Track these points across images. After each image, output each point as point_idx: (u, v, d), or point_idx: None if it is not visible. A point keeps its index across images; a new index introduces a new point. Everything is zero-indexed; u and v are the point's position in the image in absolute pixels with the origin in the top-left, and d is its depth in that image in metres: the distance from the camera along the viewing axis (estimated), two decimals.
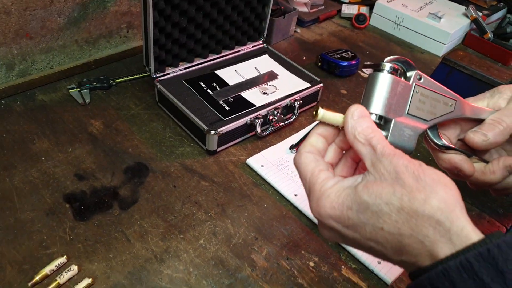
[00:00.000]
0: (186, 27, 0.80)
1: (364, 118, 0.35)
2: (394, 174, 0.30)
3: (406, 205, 0.29)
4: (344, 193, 0.32)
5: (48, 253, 0.57)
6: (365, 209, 0.30)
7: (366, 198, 0.30)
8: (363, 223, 0.31)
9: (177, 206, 0.65)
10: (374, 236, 0.31)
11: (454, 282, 0.26)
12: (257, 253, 0.60)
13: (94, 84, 0.85)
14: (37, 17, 0.78)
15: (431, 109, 0.41)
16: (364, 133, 0.34)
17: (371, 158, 0.32)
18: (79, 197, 0.65)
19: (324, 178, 0.34)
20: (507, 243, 0.26)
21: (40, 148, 0.72)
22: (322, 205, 0.33)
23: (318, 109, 0.36)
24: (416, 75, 0.39)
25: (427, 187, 0.29)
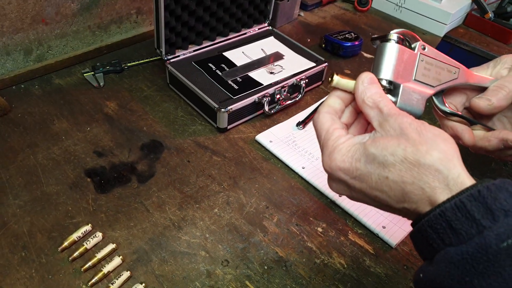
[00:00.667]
0: (195, 10, 0.83)
1: (373, 84, 0.38)
2: (399, 130, 0.33)
3: (409, 156, 0.32)
4: (354, 148, 0.35)
5: (73, 222, 0.61)
6: (372, 160, 0.34)
7: (373, 150, 0.33)
8: (370, 173, 0.34)
9: (192, 179, 0.69)
10: (379, 185, 0.34)
11: (450, 221, 0.29)
12: (268, 220, 0.64)
13: (107, 68, 0.88)
14: (52, 3, 0.81)
15: (436, 76, 0.44)
16: (372, 97, 0.37)
17: (378, 119, 0.35)
18: (99, 172, 0.69)
19: (337, 135, 0.37)
20: (496, 185, 0.29)
21: (60, 128, 0.76)
22: (333, 158, 0.36)
23: (334, 75, 0.40)
24: (421, 45, 0.42)
25: (429, 141, 0.32)
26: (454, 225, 0.29)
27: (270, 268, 0.57)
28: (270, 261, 0.58)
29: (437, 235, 0.30)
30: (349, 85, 0.39)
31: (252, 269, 0.57)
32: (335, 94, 0.41)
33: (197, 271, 0.56)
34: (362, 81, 0.38)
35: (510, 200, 0.28)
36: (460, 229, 0.29)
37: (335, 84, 0.40)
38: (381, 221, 0.63)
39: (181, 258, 0.58)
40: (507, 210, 0.28)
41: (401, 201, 0.34)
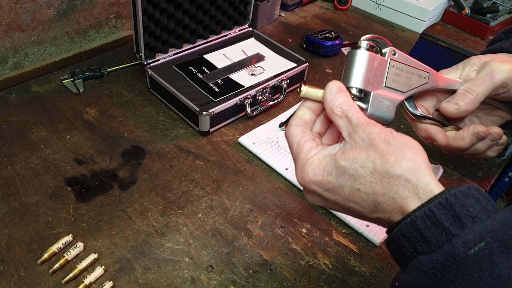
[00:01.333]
0: (174, 13, 0.82)
1: (341, 93, 0.38)
2: (368, 140, 0.34)
3: (379, 167, 0.32)
4: (324, 160, 0.35)
5: (54, 233, 0.60)
6: (343, 173, 0.34)
7: (344, 163, 0.34)
8: (342, 185, 0.34)
9: (174, 184, 0.68)
10: (352, 197, 0.34)
11: (421, 230, 0.30)
12: (252, 223, 0.63)
13: (87, 73, 0.87)
14: (27, 10, 0.79)
15: (407, 81, 0.44)
16: (341, 106, 0.37)
17: (347, 129, 0.36)
18: (80, 180, 0.68)
19: (308, 147, 0.37)
20: (462, 192, 0.30)
21: (39, 137, 0.74)
22: (305, 172, 0.36)
23: (302, 86, 0.40)
24: (391, 51, 0.42)
25: (397, 150, 0.33)
26: (424, 234, 0.30)
27: (255, 272, 0.57)
28: (255, 264, 0.58)
29: (410, 244, 0.31)
30: (318, 94, 0.39)
31: (237, 274, 0.57)
32: (305, 105, 0.40)
33: (181, 278, 0.56)
34: (330, 90, 0.38)
35: (476, 206, 0.29)
36: (431, 237, 0.29)
37: (304, 94, 0.40)
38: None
39: (165, 265, 0.57)
40: (474, 216, 0.28)
41: (374, 211, 0.34)
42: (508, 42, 0.53)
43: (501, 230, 0.27)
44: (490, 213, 0.29)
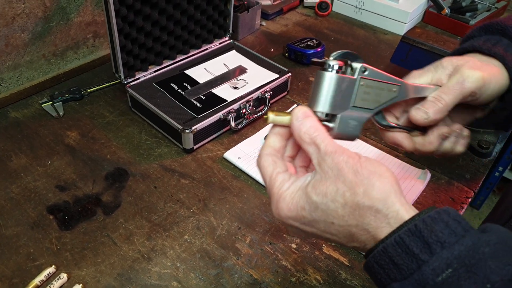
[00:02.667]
0: (151, 31, 0.81)
1: (307, 118, 0.37)
2: (336, 171, 0.33)
3: (349, 200, 0.32)
4: (297, 195, 0.35)
5: (36, 264, 0.58)
6: (316, 208, 0.34)
7: (315, 198, 0.34)
8: (316, 220, 0.34)
9: (159, 205, 0.67)
10: (328, 230, 0.35)
11: (392, 257, 0.30)
12: (241, 241, 0.62)
13: (66, 96, 0.86)
14: (0, 36, 0.78)
15: (376, 98, 0.43)
16: (308, 132, 0.36)
17: (316, 157, 0.35)
18: (63, 208, 0.66)
19: (280, 181, 0.37)
20: (431, 217, 0.30)
21: (18, 165, 0.72)
22: (280, 208, 0.36)
23: (268, 114, 0.39)
24: (361, 68, 0.41)
25: (365, 180, 0.33)
26: (396, 261, 0.30)
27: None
28: (244, 285, 0.57)
29: (383, 271, 0.31)
30: (285, 120, 0.39)
31: None
32: (274, 132, 0.40)
33: None
34: (296, 117, 0.37)
35: (446, 231, 0.29)
36: (402, 265, 0.29)
37: (271, 121, 0.39)
38: None
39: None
40: (443, 241, 0.28)
41: (350, 241, 0.35)
42: (480, 41, 0.52)
43: (468, 255, 0.27)
44: (459, 237, 0.29)
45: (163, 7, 0.80)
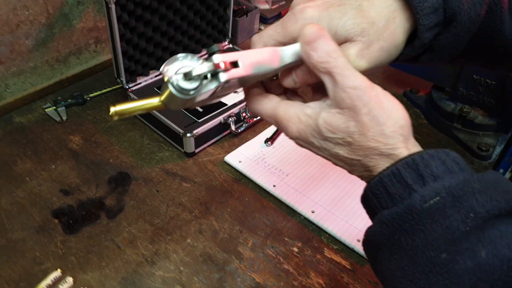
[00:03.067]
0: (152, 36, 0.82)
1: (319, 40, 0.31)
2: (352, 111, 0.32)
3: (356, 141, 0.33)
4: (307, 121, 0.34)
5: (42, 268, 0.59)
6: (324, 140, 0.34)
7: (325, 132, 0.33)
8: (324, 148, 0.35)
9: (162, 209, 0.68)
10: (333, 156, 0.35)
11: (387, 187, 0.31)
12: (243, 245, 0.63)
13: (69, 101, 0.87)
14: (5, 42, 0.79)
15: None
16: (321, 60, 0.31)
17: (332, 89, 0.32)
18: (67, 212, 0.67)
19: (285, 105, 0.35)
20: (429, 154, 0.31)
21: (24, 169, 0.74)
22: (290, 130, 0.35)
23: (111, 108, 0.35)
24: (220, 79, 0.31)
25: (377, 127, 0.32)
26: (390, 190, 0.31)
27: None
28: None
29: (377, 200, 0.33)
30: (148, 104, 0.35)
31: None
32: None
33: None
34: (306, 40, 0.32)
35: (441, 167, 0.30)
36: (395, 193, 0.31)
37: (118, 113, 0.35)
38: (356, 235, 0.63)
39: None
40: (436, 175, 0.30)
41: (353, 170, 0.35)
42: None
43: (457, 187, 0.29)
44: (453, 173, 0.30)
45: (163, 12, 0.81)
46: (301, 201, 0.69)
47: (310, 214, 0.67)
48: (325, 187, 0.71)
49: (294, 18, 0.34)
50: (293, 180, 0.72)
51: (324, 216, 0.67)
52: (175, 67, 0.31)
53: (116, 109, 0.35)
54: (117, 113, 0.35)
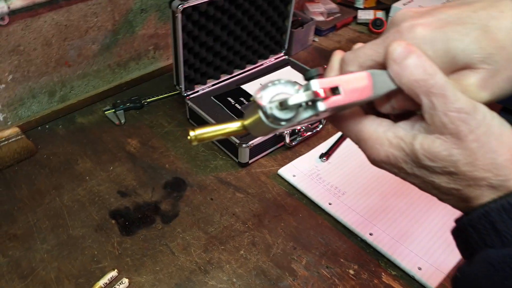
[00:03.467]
0: (213, 46, 0.83)
1: (410, 56, 0.28)
2: (456, 138, 0.28)
3: (460, 171, 0.29)
4: (400, 145, 0.30)
5: (100, 267, 0.61)
6: (421, 167, 0.30)
7: (423, 160, 0.29)
8: (416, 175, 0.31)
9: (215, 218, 0.68)
10: (423, 185, 0.31)
11: (494, 222, 0.27)
12: (296, 262, 0.62)
13: (128, 104, 0.89)
14: (74, 46, 0.83)
15: None
16: (417, 80, 0.27)
17: (430, 112, 0.28)
18: (124, 213, 0.69)
19: (371, 120, 0.32)
20: None
21: (84, 168, 0.76)
22: (376, 153, 0.31)
23: (190, 132, 0.32)
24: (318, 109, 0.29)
25: (487, 155, 0.28)
26: (498, 227, 0.28)
27: None
28: None
29: (478, 235, 0.29)
30: (229, 128, 0.32)
31: None
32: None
33: None
34: (395, 58, 0.28)
35: None
36: (505, 231, 0.27)
37: (195, 139, 0.32)
38: (416, 262, 0.60)
39: None
40: None
41: (445, 199, 0.32)
42: None
43: None
44: None
45: (225, 23, 0.82)
46: (358, 222, 0.67)
47: (368, 236, 0.65)
48: (384, 209, 0.69)
49: (401, 37, 0.29)
50: (350, 199, 0.70)
51: (382, 240, 0.64)
52: (269, 93, 0.29)
53: (196, 134, 0.32)
54: (197, 138, 0.32)
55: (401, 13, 0.31)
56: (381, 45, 0.30)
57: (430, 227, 0.66)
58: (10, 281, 0.58)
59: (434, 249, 0.63)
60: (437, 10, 0.30)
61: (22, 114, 0.83)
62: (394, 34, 0.30)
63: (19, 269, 0.60)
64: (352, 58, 0.32)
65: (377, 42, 0.31)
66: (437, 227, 0.66)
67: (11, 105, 0.80)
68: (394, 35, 0.30)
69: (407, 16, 0.31)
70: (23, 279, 0.59)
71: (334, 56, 0.34)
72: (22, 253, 0.62)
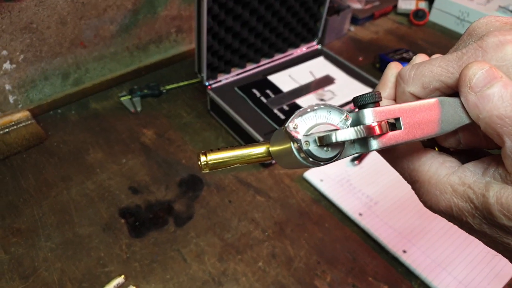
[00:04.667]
0: (239, 31, 0.76)
1: (494, 85, 0.21)
2: None
3: None
4: (467, 194, 0.24)
5: (105, 271, 0.56)
6: (494, 226, 0.24)
7: (498, 217, 0.23)
8: (483, 232, 0.24)
9: (233, 223, 0.62)
10: (504, 244, 0.24)
11: None
12: (320, 279, 0.56)
13: (145, 91, 0.84)
14: (91, 26, 0.77)
15: None
16: (498, 115, 0.21)
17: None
18: (134, 212, 0.63)
19: (433, 160, 0.25)
20: None
21: (95, 159, 0.71)
22: (435, 202, 0.25)
23: (200, 157, 0.26)
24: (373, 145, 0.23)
25: None
26: None
27: None
28: None
29: None
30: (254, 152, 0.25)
31: None
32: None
33: None
34: (470, 83, 0.22)
35: None
36: None
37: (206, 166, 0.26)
38: (454, 286, 0.53)
39: None
40: None
41: None
42: None
43: None
44: None
45: (255, 7, 0.74)
46: (391, 237, 0.59)
47: (401, 254, 0.58)
48: (422, 225, 0.61)
49: (484, 56, 0.22)
50: (382, 210, 0.63)
51: (417, 258, 0.57)
52: (307, 123, 0.22)
53: (208, 159, 0.25)
54: (209, 165, 0.26)
55: (485, 22, 0.24)
56: (455, 63, 0.23)
57: (474, 254, 0.58)
58: (10, 281, 0.54)
59: (473, 276, 0.55)
60: None
61: (34, 97, 0.78)
62: (474, 51, 0.23)
63: (21, 268, 0.56)
64: (414, 75, 0.25)
65: (449, 58, 0.23)
66: (481, 254, 0.58)
67: (22, 87, 0.75)
68: (475, 52, 0.22)
69: (494, 27, 0.23)
70: (24, 279, 0.55)
71: (389, 69, 0.27)
72: (25, 250, 0.58)
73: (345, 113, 0.22)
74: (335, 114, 0.22)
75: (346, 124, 0.22)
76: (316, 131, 0.22)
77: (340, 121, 0.22)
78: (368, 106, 0.22)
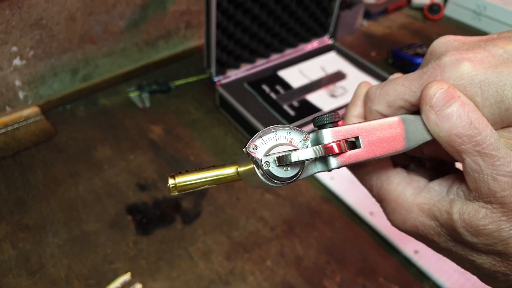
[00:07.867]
0: (249, 26, 0.74)
1: (452, 104, 0.21)
2: (507, 209, 0.21)
3: (506, 252, 0.22)
4: (432, 212, 0.24)
5: (112, 268, 0.55)
6: (458, 243, 0.24)
7: (463, 234, 0.23)
8: (453, 251, 0.24)
9: (241, 221, 0.61)
10: (470, 261, 0.24)
11: None
12: (329, 279, 0.54)
13: (154, 87, 0.83)
14: (100, 22, 0.77)
15: None
16: (457, 134, 0.21)
17: (474, 174, 0.22)
18: (142, 209, 0.63)
19: (398, 182, 0.26)
20: None
21: (103, 155, 0.71)
22: (401, 221, 0.25)
23: (169, 180, 0.25)
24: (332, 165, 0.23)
25: None
26: None
27: None
28: None
29: None
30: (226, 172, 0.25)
31: None
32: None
33: None
34: (430, 103, 0.22)
35: None
36: None
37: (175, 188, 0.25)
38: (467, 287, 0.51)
39: None
40: None
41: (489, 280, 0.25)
42: None
43: None
44: None
45: (265, 1, 0.73)
46: (402, 237, 0.58)
47: (412, 254, 0.56)
48: None
49: (442, 75, 0.22)
50: None
51: (429, 259, 0.55)
52: (267, 144, 0.22)
53: (177, 182, 0.25)
54: (178, 188, 0.25)
55: (444, 42, 0.24)
56: (417, 82, 0.24)
57: None
58: (18, 276, 0.54)
59: None
60: (491, 41, 0.22)
61: (43, 92, 0.78)
62: (433, 70, 0.23)
63: (28, 264, 0.56)
64: (379, 94, 0.25)
65: (412, 77, 0.24)
66: None
67: (32, 83, 0.75)
68: (434, 71, 0.23)
69: (451, 47, 0.23)
70: (32, 275, 0.54)
71: (359, 89, 0.28)
72: (32, 246, 0.58)
73: (304, 134, 0.23)
74: (295, 134, 0.23)
75: (305, 144, 0.22)
76: (276, 151, 0.22)
77: (300, 141, 0.23)
78: (326, 126, 0.22)
